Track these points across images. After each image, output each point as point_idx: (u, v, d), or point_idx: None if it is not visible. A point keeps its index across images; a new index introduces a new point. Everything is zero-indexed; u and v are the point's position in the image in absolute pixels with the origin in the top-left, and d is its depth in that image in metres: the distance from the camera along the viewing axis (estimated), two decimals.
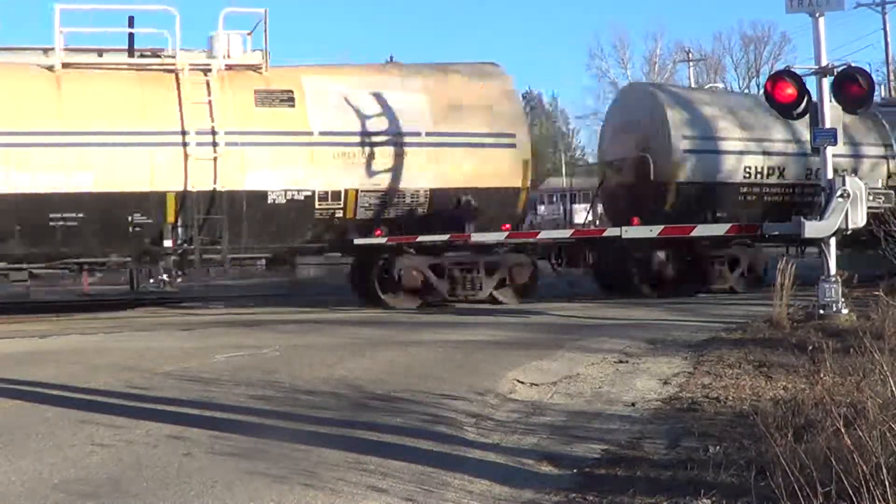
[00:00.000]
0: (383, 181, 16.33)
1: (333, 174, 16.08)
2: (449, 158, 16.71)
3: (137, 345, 11.49)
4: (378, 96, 16.63)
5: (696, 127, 18.39)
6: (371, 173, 16.28)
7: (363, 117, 16.37)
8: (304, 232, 16.30)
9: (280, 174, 15.87)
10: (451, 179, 16.64)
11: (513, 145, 17.14)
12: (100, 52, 18.32)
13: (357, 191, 16.17)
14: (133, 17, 16.34)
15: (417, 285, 16.44)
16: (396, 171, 16.42)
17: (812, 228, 12.44)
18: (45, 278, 16.82)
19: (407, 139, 16.44)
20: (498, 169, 16.83)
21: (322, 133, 16.04)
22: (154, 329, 13.61)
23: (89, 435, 6.14)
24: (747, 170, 18.36)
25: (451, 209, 16.47)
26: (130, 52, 17.50)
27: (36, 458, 5.58)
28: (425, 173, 16.57)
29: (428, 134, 16.57)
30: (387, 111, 16.53)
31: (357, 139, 16.20)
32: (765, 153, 18.51)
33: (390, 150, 16.37)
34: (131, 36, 16.43)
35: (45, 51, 18.40)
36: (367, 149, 16.25)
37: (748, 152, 18.45)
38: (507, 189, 16.94)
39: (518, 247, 17.01)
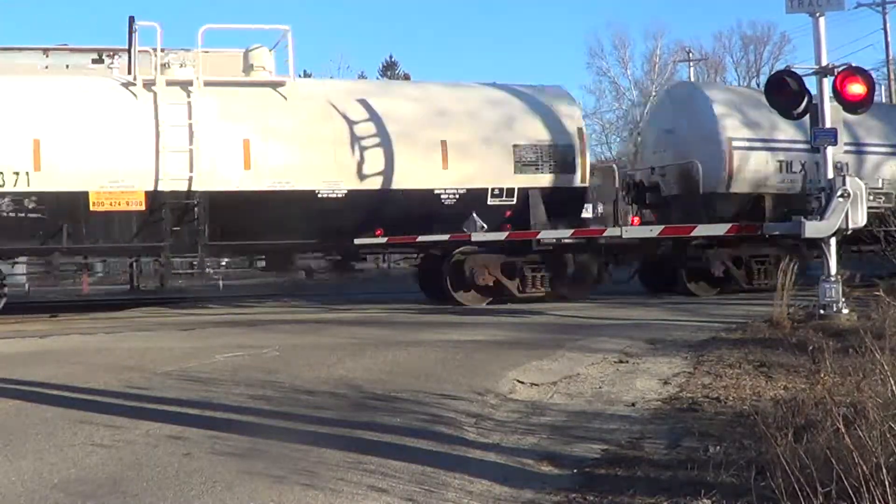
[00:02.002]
0: None
1: None
2: None
3: (137, 345, 11.49)
4: None
5: None
6: None
7: None
8: None
9: None
10: None
11: None
12: (99, 53, 18.34)
13: None
14: (133, 17, 16.37)
15: None
16: None
17: (812, 228, 12.44)
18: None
19: None
20: None
21: None
22: (154, 329, 13.61)
23: (89, 435, 6.14)
24: None
25: None
26: (130, 52, 17.48)
27: (36, 458, 5.58)
28: None
29: None
30: None
31: None
32: None
33: None
34: (131, 37, 16.45)
35: (45, 51, 18.43)
36: None
37: None
38: None
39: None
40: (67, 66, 17.89)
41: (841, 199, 12.25)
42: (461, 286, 16.97)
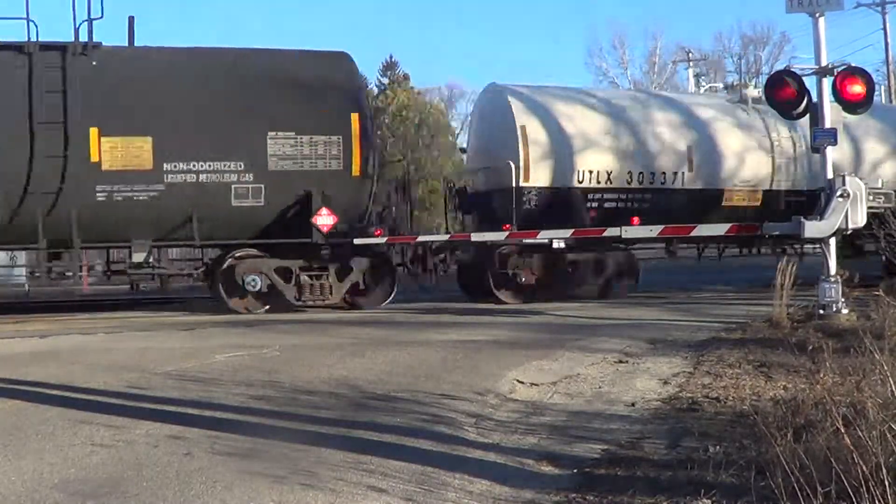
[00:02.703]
0: None
1: None
2: None
3: (137, 345, 11.49)
4: None
5: None
6: None
7: None
8: None
9: None
10: None
11: None
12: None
13: None
14: (133, 16, 16.38)
15: None
16: None
17: (812, 228, 12.44)
18: None
19: None
20: None
21: None
22: (154, 329, 13.61)
23: (89, 435, 6.15)
24: None
25: None
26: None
27: (36, 458, 5.58)
28: None
29: None
30: None
31: None
32: None
33: None
34: (131, 34, 16.46)
35: None
36: None
37: None
38: None
39: None
40: None
41: (840, 199, 12.25)
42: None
